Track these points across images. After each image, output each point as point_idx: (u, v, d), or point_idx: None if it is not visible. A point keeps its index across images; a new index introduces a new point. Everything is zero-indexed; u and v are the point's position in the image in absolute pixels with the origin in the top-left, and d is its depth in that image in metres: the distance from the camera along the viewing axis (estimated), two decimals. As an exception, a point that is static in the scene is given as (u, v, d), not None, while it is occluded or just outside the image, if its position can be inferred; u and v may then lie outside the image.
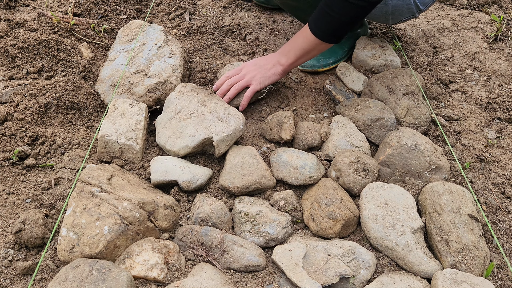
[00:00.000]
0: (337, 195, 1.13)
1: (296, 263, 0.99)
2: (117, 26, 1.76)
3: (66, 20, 1.64)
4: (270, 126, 1.32)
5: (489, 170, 1.33)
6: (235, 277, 1.01)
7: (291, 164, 1.18)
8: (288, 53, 1.40)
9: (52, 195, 1.11)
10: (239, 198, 1.16)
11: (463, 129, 1.45)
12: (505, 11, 2.09)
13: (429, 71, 1.72)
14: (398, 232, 1.05)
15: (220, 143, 1.20)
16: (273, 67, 1.41)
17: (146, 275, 0.94)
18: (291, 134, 1.28)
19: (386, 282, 0.98)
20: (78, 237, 0.96)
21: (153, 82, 1.37)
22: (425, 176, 1.19)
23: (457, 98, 1.60)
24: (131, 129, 1.23)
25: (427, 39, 1.94)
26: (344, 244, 1.06)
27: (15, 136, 1.22)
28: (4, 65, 1.44)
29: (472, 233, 1.05)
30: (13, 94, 1.30)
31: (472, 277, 0.96)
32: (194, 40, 1.76)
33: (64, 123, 1.33)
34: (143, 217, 1.01)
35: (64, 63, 1.44)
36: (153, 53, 1.45)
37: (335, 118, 1.35)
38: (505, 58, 1.78)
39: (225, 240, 1.04)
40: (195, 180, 1.14)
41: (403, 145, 1.20)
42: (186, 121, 1.24)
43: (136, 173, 1.20)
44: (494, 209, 1.22)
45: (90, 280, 0.88)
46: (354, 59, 1.62)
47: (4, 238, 1.03)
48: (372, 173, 1.18)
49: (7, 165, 1.17)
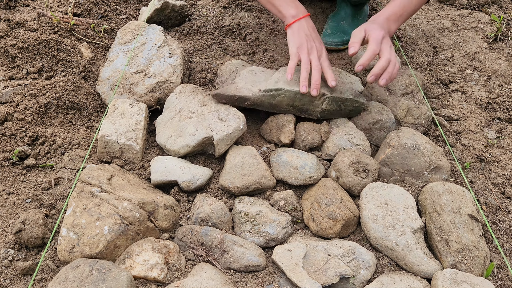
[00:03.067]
0: (337, 195, 1.13)
1: (296, 263, 1.00)
2: (117, 26, 1.76)
3: (66, 20, 1.64)
4: (270, 128, 1.32)
5: (489, 170, 1.33)
6: (235, 277, 1.01)
7: (291, 164, 1.18)
8: (399, 18, 1.27)
9: (52, 195, 1.11)
10: (239, 198, 1.16)
11: (463, 129, 1.45)
12: (505, 11, 2.09)
13: (429, 71, 1.72)
14: (398, 232, 1.05)
15: (221, 142, 1.20)
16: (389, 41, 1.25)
17: (146, 275, 0.94)
18: (290, 139, 1.26)
19: (386, 282, 0.98)
20: (78, 237, 0.96)
21: (153, 82, 1.37)
22: (425, 176, 1.19)
23: (457, 98, 1.60)
24: (131, 129, 1.23)
25: (427, 39, 1.94)
26: (344, 244, 1.06)
27: (15, 136, 1.22)
28: (4, 65, 1.44)
29: (472, 233, 1.05)
30: (13, 94, 1.30)
31: (472, 277, 0.96)
32: (194, 40, 1.76)
33: (64, 123, 1.33)
34: (143, 217, 1.01)
35: (64, 63, 1.44)
36: (153, 53, 1.46)
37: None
38: (505, 58, 1.78)
39: (225, 240, 1.04)
40: (195, 180, 1.14)
41: (403, 145, 1.20)
42: (186, 120, 1.24)
43: (136, 173, 1.20)
44: (494, 209, 1.22)
45: (90, 280, 0.88)
46: (354, 59, 1.62)
47: (4, 238, 1.03)
48: (372, 174, 1.18)
49: (7, 165, 1.17)
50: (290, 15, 1.32)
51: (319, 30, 1.87)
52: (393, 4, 1.31)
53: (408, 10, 1.29)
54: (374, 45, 1.20)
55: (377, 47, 1.21)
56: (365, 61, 1.19)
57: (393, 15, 1.28)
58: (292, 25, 1.32)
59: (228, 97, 1.28)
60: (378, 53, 1.21)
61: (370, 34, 1.23)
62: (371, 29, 1.24)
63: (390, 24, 1.27)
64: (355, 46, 1.22)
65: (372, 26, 1.25)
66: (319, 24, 1.91)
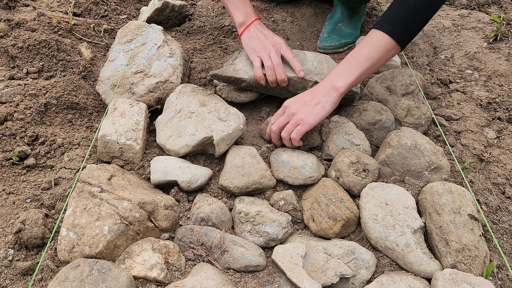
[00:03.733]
0: (337, 195, 1.13)
1: (296, 263, 0.99)
2: (117, 26, 1.76)
3: (66, 20, 1.64)
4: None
5: (489, 170, 1.33)
6: (235, 277, 1.01)
7: (291, 164, 1.18)
8: (346, 72, 1.18)
9: (52, 195, 1.11)
10: (239, 198, 1.16)
11: (463, 129, 1.45)
12: (505, 11, 2.09)
13: (429, 71, 1.72)
14: (398, 232, 1.05)
15: (221, 142, 1.20)
16: (323, 98, 1.18)
17: (146, 275, 0.94)
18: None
19: (386, 282, 0.98)
20: (78, 237, 0.96)
21: (153, 82, 1.37)
22: (425, 176, 1.19)
23: (457, 98, 1.60)
24: (131, 129, 1.23)
25: (427, 39, 1.94)
26: (344, 244, 1.06)
27: (15, 136, 1.22)
28: (4, 65, 1.44)
29: (472, 233, 1.05)
30: (13, 94, 1.30)
31: (472, 277, 0.96)
32: (194, 40, 1.76)
33: (64, 123, 1.33)
34: (143, 217, 1.01)
35: (64, 63, 1.44)
36: (153, 53, 1.46)
37: (334, 118, 1.35)
38: (505, 58, 1.78)
39: (225, 240, 1.04)
40: (195, 180, 1.14)
41: (403, 145, 1.20)
42: (186, 120, 1.24)
43: (136, 173, 1.20)
44: (494, 209, 1.22)
45: (90, 280, 0.88)
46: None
47: (4, 238, 1.03)
48: (372, 174, 1.18)
49: (7, 165, 1.17)
50: (238, 23, 1.39)
51: (319, 31, 1.87)
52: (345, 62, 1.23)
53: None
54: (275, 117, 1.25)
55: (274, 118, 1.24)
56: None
57: (336, 71, 1.22)
58: (242, 35, 1.38)
59: (225, 78, 1.35)
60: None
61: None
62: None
63: (334, 81, 1.20)
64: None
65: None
66: (319, 24, 1.91)
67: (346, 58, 1.21)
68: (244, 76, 1.33)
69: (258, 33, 1.36)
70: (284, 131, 1.19)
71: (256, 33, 1.36)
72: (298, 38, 1.85)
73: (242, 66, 1.36)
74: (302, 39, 1.84)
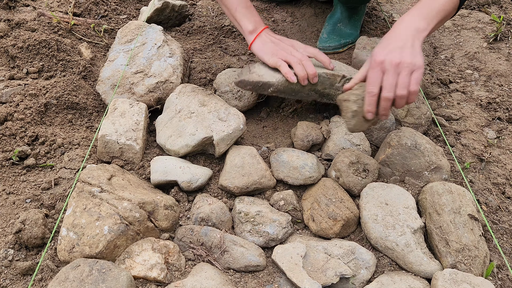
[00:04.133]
0: (337, 195, 1.13)
1: (296, 263, 1.00)
2: (117, 26, 1.76)
3: (66, 20, 1.64)
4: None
5: (489, 170, 1.33)
6: (235, 277, 1.01)
7: (291, 164, 1.18)
8: (428, 15, 1.05)
9: (52, 195, 1.11)
10: (239, 198, 1.16)
11: (463, 129, 1.45)
12: (505, 11, 2.09)
13: (429, 71, 1.72)
14: (398, 232, 1.05)
15: (221, 142, 1.20)
16: (414, 40, 1.03)
17: (146, 275, 0.94)
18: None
19: (386, 282, 0.98)
20: (78, 237, 0.96)
21: (153, 82, 1.37)
22: (425, 176, 1.19)
23: (457, 98, 1.60)
24: (131, 129, 1.23)
25: (427, 39, 1.94)
26: (344, 244, 1.06)
27: (15, 136, 1.22)
28: (4, 65, 1.44)
29: (472, 233, 1.05)
30: (13, 94, 1.30)
31: (472, 277, 0.96)
32: (194, 40, 1.76)
33: (64, 123, 1.33)
34: (143, 217, 1.01)
35: (64, 63, 1.44)
36: (153, 53, 1.46)
37: (333, 118, 1.35)
38: (505, 58, 1.78)
39: (225, 240, 1.04)
40: (195, 180, 1.14)
41: (403, 145, 1.20)
42: (186, 120, 1.25)
43: (136, 173, 1.20)
44: (494, 209, 1.22)
45: (90, 280, 0.88)
46: (354, 59, 1.61)
47: (4, 238, 1.03)
48: (372, 174, 1.18)
49: (7, 165, 1.17)
50: (248, 31, 1.31)
51: (319, 31, 1.87)
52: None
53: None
54: (362, 70, 1.10)
55: (361, 75, 1.10)
56: (346, 87, 1.12)
57: (416, 10, 1.09)
58: (255, 42, 1.30)
59: (253, 83, 1.24)
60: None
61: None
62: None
63: (418, 22, 1.07)
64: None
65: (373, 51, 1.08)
66: (319, 24, 1.91)
67: (423, 3, 1.08)
68: (271, 79, 1.23)
69: (272, 38, 1.30)
70: (400, 87, 0.99)
71: (270, 38, 1.30)
72: (298, 38, 1.85)
73: (265, 72, 1.26)
74: (302, 39, 1.84)
